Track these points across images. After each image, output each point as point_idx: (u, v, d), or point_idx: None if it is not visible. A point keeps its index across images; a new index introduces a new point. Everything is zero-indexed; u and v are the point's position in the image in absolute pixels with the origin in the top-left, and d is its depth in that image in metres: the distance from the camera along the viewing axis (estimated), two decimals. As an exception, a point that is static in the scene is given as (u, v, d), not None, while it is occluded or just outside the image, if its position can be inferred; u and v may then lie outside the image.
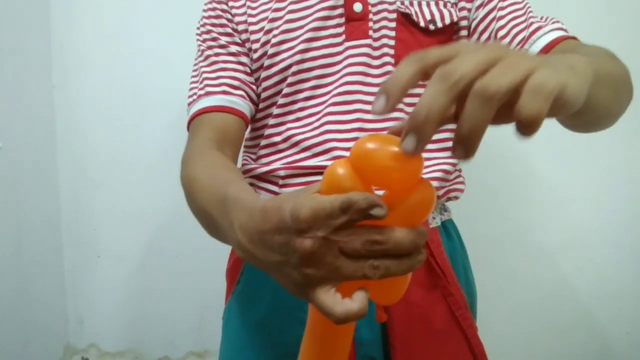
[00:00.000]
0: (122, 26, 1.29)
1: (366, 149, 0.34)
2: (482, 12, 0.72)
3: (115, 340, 1.36)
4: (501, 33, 0.70)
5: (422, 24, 0.71)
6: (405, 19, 0.71)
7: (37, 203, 1.26)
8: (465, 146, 0.31)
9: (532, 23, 0.70)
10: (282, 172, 0.72)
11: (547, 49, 0.67)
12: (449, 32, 0.74)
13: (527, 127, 0.30)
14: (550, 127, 0.64)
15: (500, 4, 0.72)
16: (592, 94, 0.37)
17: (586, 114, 0.41)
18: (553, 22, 0.70)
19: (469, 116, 0.30)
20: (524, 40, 0.69)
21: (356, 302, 0.35)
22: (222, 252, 0.92)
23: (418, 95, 0.32)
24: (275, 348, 0.71)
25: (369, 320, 0.68)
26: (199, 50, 0.79)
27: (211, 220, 0.52)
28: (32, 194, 1.25)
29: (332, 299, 0.35)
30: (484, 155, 1.27)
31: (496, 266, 1.26)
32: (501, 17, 0.71)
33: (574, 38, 0.68)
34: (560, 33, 0.68)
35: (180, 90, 1.26)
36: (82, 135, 1.32)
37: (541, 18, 0.72)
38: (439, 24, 0.71)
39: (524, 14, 0.71)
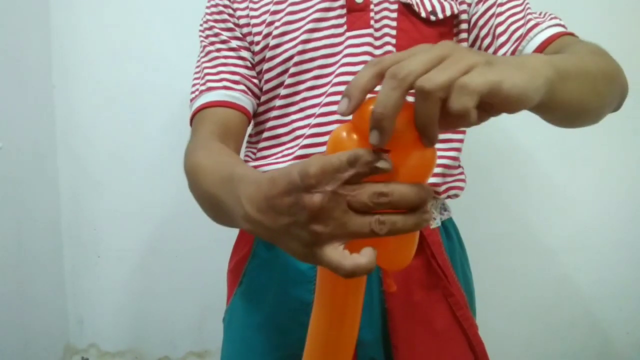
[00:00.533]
0: (122, 26, 1.29)
1: (367, 110, 0.35)
2: (481, 8, 0.73)
3: (115, 340, 1.36)
4: (500, 29, 0.71)
5: (423, 14, 0.71)
6: (406, 10, 0.72)
7: (38, 203, 1.27)
8: (424, 136, 0.35)
9: (529, 20, 0.70)
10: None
11: (544, 46, 0.67)
12: (450, 25, 0.74)
13: (457, 121, 0.33)
14: (550, 127, 0.64)
15: (499, 0, 0.72)
16: (558, 91, 0.40)
17: (557, 109, 0.43)
18: (551, 19, 0.70)
19: (417, 110, 0.34)
20: (522, 37, 0.69)
21: (364, 256, 0.36)
22: (222, 252, 0.93)
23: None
24: (278, 350, 0.71)
25: (370, 322, 0.69)
26: (201, 46, 0.79)
27: (216, 201, 0.53)
28: (33, 193, 1.25)
29: (340, 254, 0.36)
30: (484, 155, 1.28)
31: (496, 266, 1.26)
32: (500, 14, 0.71)
33: (571, 34, 0.68)
34: (558, 29, 0.68)
35: (181, 90, 1.26)
36: (82, 135, 1.33)
37: (540, 14, 0.72)
38: (440, 15, 0.72)
39: (522, 10, 0.71)
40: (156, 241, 1.33)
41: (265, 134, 0.76)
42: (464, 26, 0.74)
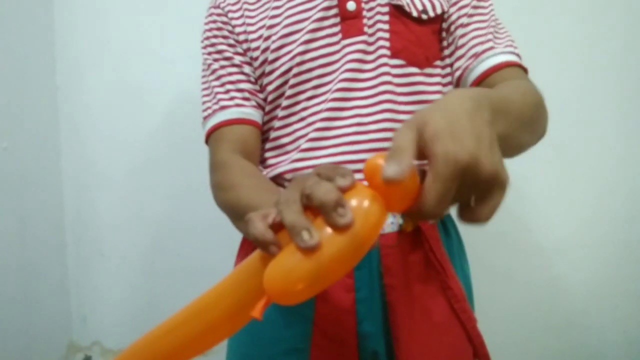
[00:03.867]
0: (125, 28, 1.31)
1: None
2: (454, 15, 0.75)
3: (118, 338, 1.37)
4: (461, 42, 0.74)
5: (414, 14, 0.72)
6: (397, 11, 0.73)
7: (41, 202, 1.28)
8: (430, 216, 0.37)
9: (489, 40, 0.73)
10: (288, 176, 0.74)
11: (490, 72, 0.71)
12: (440, 22, 0.75)
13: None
14: (549, 127, 0.66)
15: (470, 11, 0.74)
16: (501, 145, 0.41)
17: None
18: (507, 45, 0.73)
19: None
20: (476, 55, 0.72)
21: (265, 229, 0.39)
22: (224, 251, 0.94)
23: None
24: (280, 343, 0.72)
25: (371, 314, 0.70)
26: (205, 64, 0.81)
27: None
28: (36, 193, 1.26)
29: (260, 216, 0.40)
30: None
31: (492, 265, 1.26)
32: (466, 25, 0.74)
33: (519, 65, 0.72)
34: (509, 58, 0.72)
35: (183, 91, 1.28)
36: (85, 136, 1.34)
37: (502, 33, 0.75)
38: (431, 14, 0.73)
39: (486, 26, 0.74)
40: (159, 239, 1.34)
41: (269, 144, 0.79)
42: (444, 25, 0.76)
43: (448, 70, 0.77)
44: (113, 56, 1.31)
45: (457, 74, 0.75)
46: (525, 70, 0.73)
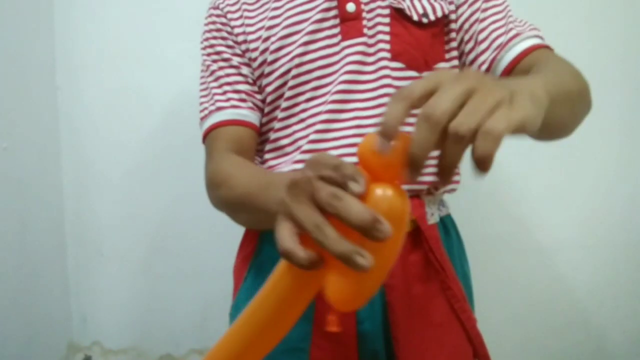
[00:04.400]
0: (126, 28, 1.31)
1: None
2: (467, 12, 0.74)
3: (118, 338, 1.37)
4: (481, 36, 0.73)
5: (415, 17, 0.72)
6: (398, 14, 0.73)
7: (42, 202, 1.28)
8: (445, 174, 0.36)
9: (511, 29, 0.72)
10: None
11: (520, 58, 0.70)
12: (441, 25, 0.75)
13: (479, 165, 0.34)
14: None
15: (484, 5, 0.74)
16: (547, 114, 0.42)
17: (541, 131, 0.45)
18: (530, 29, 0.72)
19: (447, 151, 0.35)
20: (502, 46, 0.71)
21: (297, 248, 0.38)
22: (224, 251, 0.94)
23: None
24: (280, 343, 0.72)
25: (371, 314, 0.70)
26: (204, 65, 0.82)
27: (250, 200, 0.61)
28: (37, 193, 1.26)
29: (288, 233, 0.38)
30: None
31: (493, 265, 1.27)
32: (483, 19, 0.73)
33: (547, 47, 0.71)
34: (536, 41, 0.71)
35: (184, 91, 1.28)
36: (85, 136, 1.34)
37: (520, 22, 0.74)
38: (432, 17, 0.73)
39: (504, 17, 0.73)
40: (159, 240, 1.34)
41: (269, 146, 0.79)
42: (454, 26, 0.76)
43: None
44: (113, 56, 1.31)
45: (483, 67, 0.73)
46: (552, 50, 0.72)
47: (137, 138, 1.32)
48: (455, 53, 0.76)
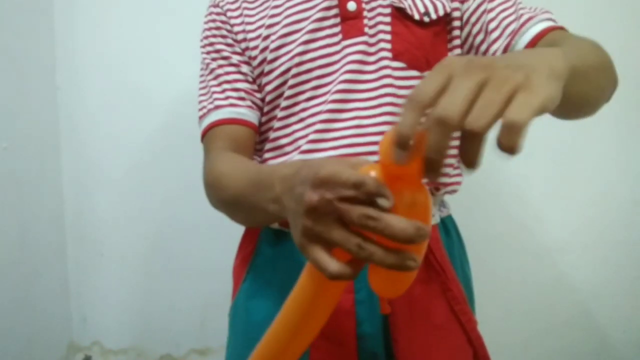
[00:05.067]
0: (125, 29, 1.31)
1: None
2: (473, 4, 0.73)
3: (118, 338, 1.37)
4: (492, 25, 0.71)
5: (416, 16, 0.72)
6: (399, 13, 0.72)
7: (41, 202, 1.28)
8: (470, 164, 0.35)
9: (522, 15, 0.70)
10: None
11: (535, 40, 0.68)
12: (443, 24, 0.75)
13: (507, 152, 0.33)
14: (548, 127, 0.66)
15: None
16: (567, 88, 0.40)
17: (562, 105, 0.43)
18: (543, 12, 0.71)
19: (464, 148, 0.35)
20: (514, 32, 0.69)
21: (336, 265, 0.39)
22: (224, 251, 0.94)
23: None
24: None
25: (371, 316, 0.70)
26: (203, 63, 0.81)
27: (244, 198, 0.60)
28: (37, 193, 1.26)
29: (326, 256, 0.39)
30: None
31: (493, 265, 1.27)
32: (491, 10, 0.72)
33: (561, 28, 0.69)
34: (549, 24, 0.69)
35: (183, 91, 1.28)
36: (85, 136, 1.34)
37: (530, 8, 0.72)
38: (433, 16, 0.72)
39: (513, 4, 0.72)
40: (159, 240, 1.34)
41: (268, 145, 0.78)
42: (457, 23, 0.75)
43: None
44: (113, 56, 1.31)
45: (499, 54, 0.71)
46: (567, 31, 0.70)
47: (137, 138, 1.32)
48: (458, 51, 0.76)
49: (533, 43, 0.68)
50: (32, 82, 1.25)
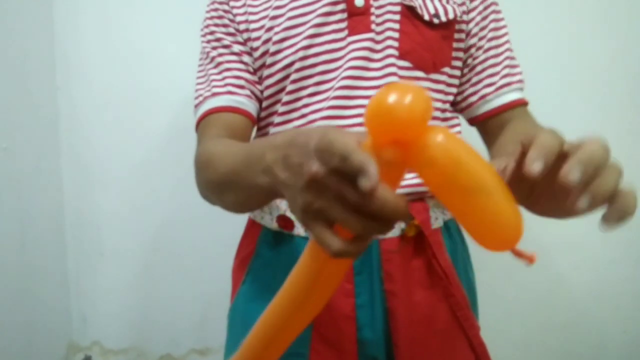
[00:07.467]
0: (125, 29, 1.30)
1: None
2: (474, 29, 0.76)
3: (118, 338, 1.37)
4: (478, 68, 0.77)
5: (426, 17, 0.71)
6: (409, 12, 0.72)
7: (41, 202, 1.28)
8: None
9: (506, 75, 0.76)
10: None
11: (504, 108, 0.76)
12: (452, 28, 0.74)
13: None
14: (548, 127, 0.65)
15: (490, 34, 0.77)
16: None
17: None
18: (518, 81, 0.77)
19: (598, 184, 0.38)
20: (492, 85, 0.76)
21: (340, 243, 0.38)
22: (224, 251, 0.94)
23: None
24: None
25: (372, 321, 0.69)
26: (203, 52, 0.79)
27: (234, 175, 0.56)
28: (36, 193, 1.26)
29: (329, 233, 0.38)
30: (483, 154, 1.29)
31: (493, 264, 1.26)
32: (487, 50, 0.77)
33: (524, 102, 0.77)
34: (517, 95, 0.76)
35: (183, 91, 1.28)
36: (85, 136, 1.33)
37: (514, 62, 0.78)
38: (443, 19, 0.72)
39: (503, 51, 0.77)
40: (159, 240, 1.34)
41: None
42: (464, 26, 0.75)
43: (454, 81, 0.77)
44: (113, 56, 1.31)
45: (472, 99, 0.77)
46: (526, 104, 0.78)
47: (137, 138, 1.32)
48: (459, 63, 0.76)
49: (503, 109, 0.76)
50: (32, 82, 1.25)
